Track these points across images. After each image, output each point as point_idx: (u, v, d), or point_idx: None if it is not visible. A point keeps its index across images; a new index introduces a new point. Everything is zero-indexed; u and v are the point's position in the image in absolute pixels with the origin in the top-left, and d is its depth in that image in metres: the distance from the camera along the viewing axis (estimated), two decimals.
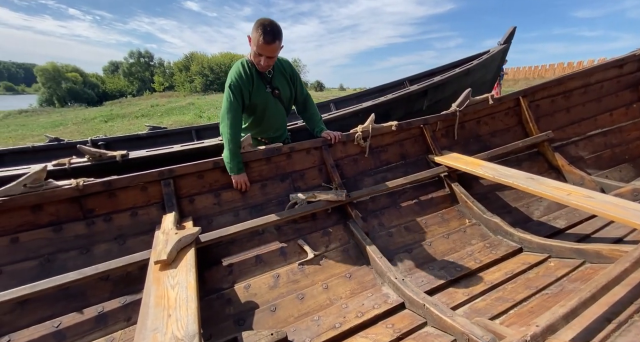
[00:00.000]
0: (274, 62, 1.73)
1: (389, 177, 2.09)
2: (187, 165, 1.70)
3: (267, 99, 1.85)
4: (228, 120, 1.73)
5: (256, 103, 1.83)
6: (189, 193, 1.73)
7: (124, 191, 1.57)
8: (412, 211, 1.92)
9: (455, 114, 2.23)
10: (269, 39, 1.54)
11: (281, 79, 1.88)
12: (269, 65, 1.70)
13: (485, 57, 3.52)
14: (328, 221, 1.83)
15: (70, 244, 1.42)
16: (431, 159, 2.16)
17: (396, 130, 2.13)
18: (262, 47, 1.57)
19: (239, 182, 1.77)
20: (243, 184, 1.78)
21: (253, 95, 1.80)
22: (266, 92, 1.84)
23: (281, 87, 1.88)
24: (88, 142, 3.21)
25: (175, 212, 1.57)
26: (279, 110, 1.96)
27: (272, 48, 1.59)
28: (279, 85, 1.87)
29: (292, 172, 1.97)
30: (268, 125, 1.99)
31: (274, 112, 1.93)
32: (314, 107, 2.09)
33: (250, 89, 1.77)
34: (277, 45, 1.60)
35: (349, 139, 2.07)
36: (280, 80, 1.88)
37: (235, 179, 1.77)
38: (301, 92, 2.02)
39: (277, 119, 1.99)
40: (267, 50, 1.59)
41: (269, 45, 1.56)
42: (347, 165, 2.07)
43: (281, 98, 1.91)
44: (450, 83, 3.25)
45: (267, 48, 1.58)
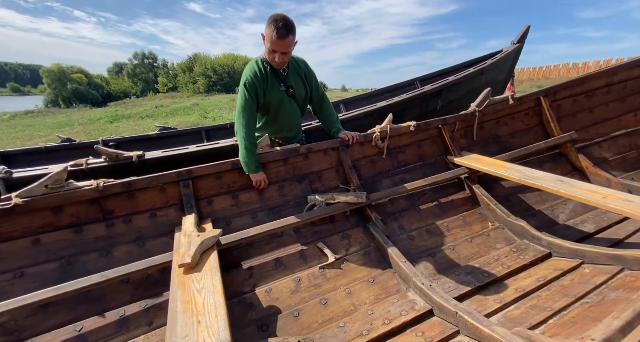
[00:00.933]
0: (288, 59, 1.70)
1: (407, 178, 2.05)
2: (206, 166, 1.67)
3: (282, 98, 1.82)
4: (243, 119, 1.71)
5: (270, 102, 1.80)
6: (208, 194, 1.70)
7: (143, 192, 1.55)
8: (432, 213, 1.88)
9: (474, 114, 2.18)
10: (282, 34, 1.52)
11: (296, 78, 1.85)
12: (283, 62, 1.67)
13: (499, 57, 3.47)
14: (347, 223, 1.79)
15: (90, 246, 1.39)
16: (450, 161, 2.11)
17: (414, 130, 2.09)
18: (276, 42, 1.55)
19: (259, 180, 1.74)
20: (262, 182, 1.76)
21: (267, 94, 1.77)
22: (281, 90, 1.80)
23: (296, 85, 1.85)
24: (99, 142, 3.20)
25: (195, 214, 1.55)
26: (294, 109, 1.92)
27: (286, 43, 1.56)
28: (294, 84, 1.84)
29: (309, 173, 1.93)
30: (282, 124, 1.95)
31: (289, 112, 1.90)
32: (331, 107, 2.06)
33: (265, 88, 1.75)
34: (291, 40, 1.58)
35: (367, 140, 2.03)
36: (295, 78, 1.85)
37: (255, 178, 1.74)
38: (317, 91, 1.98)
39: (291, 118, 1.95)
40: (281, 46, 1.57)
41: (282, 40, 1.54)
42: (365, 166, 2.04)
43: (296, 97, 1.88)
44: (465, 83, 3.21)
45: (281, 43, 1.56)
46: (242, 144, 1.70)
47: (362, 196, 1.74)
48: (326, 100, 2.04)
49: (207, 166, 1.68)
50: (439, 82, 3.00)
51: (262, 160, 1.80)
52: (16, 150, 2.97)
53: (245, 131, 1.70)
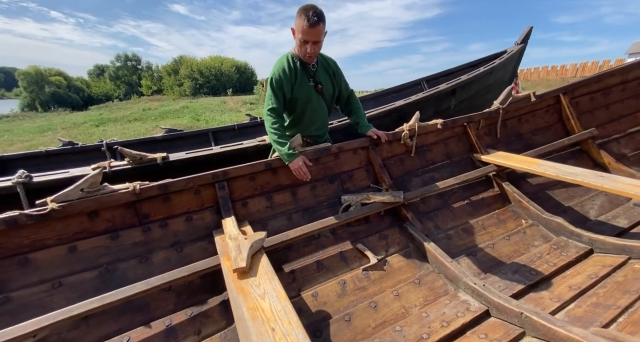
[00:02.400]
0: (319, 50, 1.69)
1: (436, 177, 2.05)
2: (240, 167, 1.61)
3: (310, 94, 1.79)
4: (271, 116, 1.69)
5: (298, 97, 1.77)
6: (242, 196, 1.63)
7: (178, 194, 1.47)
8: (465, 212, 1.87)
9: (498, 111, 2.20)
10: (313, 21, 1.51)
11: (324, 74, 1.83)
12: (315, 53, 1.65)
13: (505, 56, 3.55)
14: (382, 223, 1.76)
15: (128, 252, 1.31)
16: (477, 158, 2.12)
17: (441, 128, 2.09)
18: (307, 31, 1.54)
19: (298, 167, 1.65)
20: (303, 168, 1.65)
21: (296, 89, 1.74)
22: (309, 85, 1.77)
23: (324, 82, 1.82)
24: (103, 145, 3.06)
25: (233, 216, 1.48)
26: (322, 106, 1.88)
27: (317, 31, 1.55)
28: (322, 79, 1.81)
29: (340, 173, 1.90)
30: (310, 121, 1.89)
31: (316, 108, 1.85)
32: (358, 102, 2.01)
33: (293, 83, 1.72)
34: (322, 28, 1.57)
35: (395, 138, 2.02)
36: (323, 75, 1.82)
37: (293, 166, 1.65)
38: (345, 88, 1.95)
39: (318, 115, 1.90)
40: (312, 35, 1.56)
41: (313, 28, 1.53)
42: (394, 165, 2.02)
43: (324, 94, 1.84)
44: (475, 82, 3.25)
45: (313, 32, 1.54)
46: (272, 138, 1.67)
47: (399, 195, 1.71)
48: (354, 96, 2.00)
49: (241, 167, 1.61)
50: (453, 80, 3.03)
51: None
52: (15, 154, 2.79)
53: (274, 126, 1.67)
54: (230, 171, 1.58)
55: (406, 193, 1.78)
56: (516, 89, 4.12)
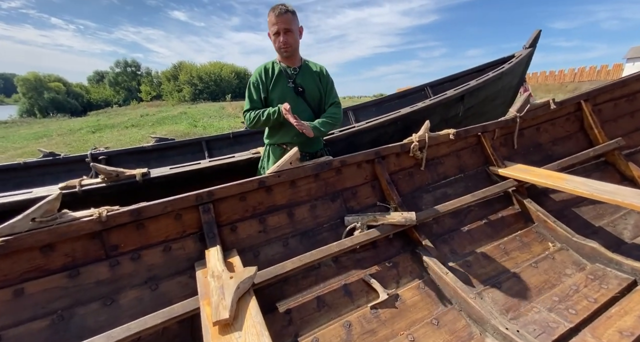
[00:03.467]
0: (294, 42, 1.65)
1: (449, 193, 1.84)
2: (229, 186, 1.40)
3: (286, 94, 1.71)
4: (250, 113, 1.71)
5: (273, 98, 1.71)
6: (230, 219, 1.42)
7: (154, 220, 1.26)
8: (483, 233, 1.66)
9: (515, 120, 2.01)
10: (280, 10, 1.55)
11: (308, 78, 1.75)
12: (289, 43, 1.62)
13: (514, 61, 3.37)
14: (391, 248, 1.55)
15: (90, 293, 1.09)
16: (493, 172, 1.92)
17: (454, 139, 1.89)
18: (276, 20, 1.57)
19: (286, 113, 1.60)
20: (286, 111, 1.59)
21: (272, 89, 1.71)
22: (287, 86, 1.71)
23: (307, 86, 1.75)
24: (87, 156, 2.85)
25: (219, 245, 1.27)
26: (302, 109, 1.75)
27: (285, 19, 1.57)
28: (305, 84, 1.74)
29: (343, 190, 1.69)
30: (289, 126, 1.69)
31: (295, 111, 1.66)
32: (333, 112, 1.81)
33: (269, 83, 1.71)
34: (290, 17, 1.59)
35: (403, 150, 1.82)
36: (307, 79, 1.75)
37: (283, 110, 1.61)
38: (329, 96, 1.83)
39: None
40: (281, 22, 1.57)
41: (281, 16, 1.56)
42: (402, 180, 1.81)
43: (306, 97, 1.75)
44: (484, 88, 3.07)
45: (281, 19, 1.56)
46: (259, 119, 1.68)
47: (412, 216, 1.50)
48: (335, 108, 1.83)
49: (230, 186, 1.40)
50: (461, 86, 2.85)
51: (292, 177, 1.54)
52: None
53: (254, 113, 1.69)
54: (216, 192, 1.37)
55: (418, 213, 1.57)
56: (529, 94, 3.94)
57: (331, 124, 1.78)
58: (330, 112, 1.81)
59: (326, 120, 1.76)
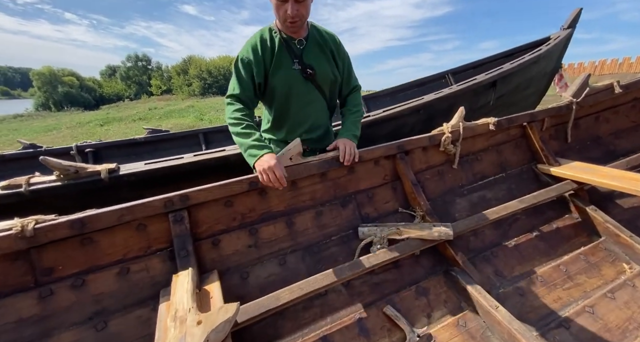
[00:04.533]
0: (306, 14, 1.16)
1: (488, 197, 1.48)
2: (210, 188, 1.08)
3: (292, 80, 1.24)
4: (231, 103, 1.22)
5: (275, 85, 1.24)
6: (212, 231, 1.11)
7: (107, 233, 0.95)
8: (536, 250, 1.31)
9: (570, 107, 1.62)
10: None
11: (318, 55, 1.27)
12: (300, 16, 1.13)
13: (552, 43, 2.92)
14: (418, 269, 1.22)
15: (8, 337, 0.79)
16: (543, 171, 1.55)
17: (494, 130, 1.52)
18: None
19: (262, 169, 1.05)
20: (270, 172, 1.04)
21: (272, 74, 1.22)
22: (292, 69, 1.23)
23: (317, 65, 1.26)
24: (72, 148, 2.58)
25: (192, 268, 0.95)
26: (314, 98, 1.31)
27: None
28: (314, 62, 1.25)
29: (356, 192, 1.35)
30: (297, 121, 1.32)
31: (305, 101, 1.29)
32: (357, 104, 1.41)
33: (268, 64, 1.21)
34: None
35: (432, 143, 1.46)
36: (315, 55, 1.26)
37: (258, 167, 1.07)
38: (348, 79, 1.38)
39: (309, 112, 1.32)
40: None
41: None
42: (430, 180, 1.46)
43: (316, 81, 1.28)
44: (517, 73, 2.66)
45: None
46: (233, 131, 1.17)
47: (447, 230, 1.15)
48: (356, 95, 1.42)
49: (211, 188, 1.08)
50: (493, 70, 2.44)
51: (291, 176, 1.21)
52: None
53: (234, 115, 1.18)
54: (192, 195, 1.05)
55: (453, 224, 1.22)
56: (559, 84, 3.48)
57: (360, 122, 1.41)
58: (353, 102, 1.39)
59: (358, 119, 1.37)
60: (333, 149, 1.30)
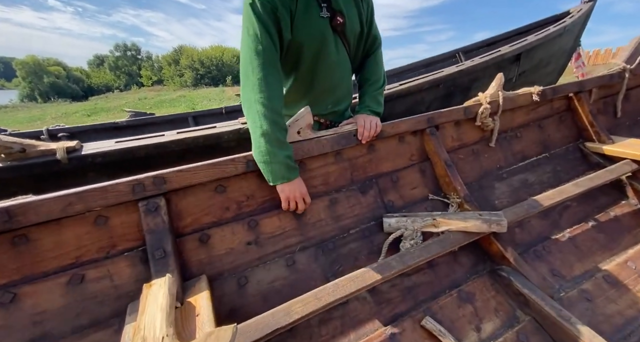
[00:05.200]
0: None
1: (530, 181, 1.25)
2: (194, 168, 0.82)
3: (324, 34, 0.94)
4: (255, 75, 0.84)
5: (303, 41, 0.93)
6: (199, 224, 0.85)
7: (51, 229, 0.69)
8: (595, 243, 1.08)
9: (622, 75, 1.38)
10: None
11: (347, 1, 0.97)
12: None
13: (576, 16, 2.67)
14: (456, 268, 0.98)
15: None
16: (592, 150, 1.32)
17: (538, 101, 1.28)
18: None
19: (293, 196, 0.90)
20: (300, 200, 0.91)
21: (298, 25, 0.90)
22: (320, 18, 0.93)
23: (347, 11, 0.96)
24: (43, 132, 2.28)
25: (171, 273, 0.70)
26: (342, 58, 1.03)
27: None
28: (344, 7, 0.96)
29: (377, 175, 1.11)
30: (323, 89, 1.05)
31: (335, 63, 1.00)
32: (374, 67, 1.12)
33: (293, 12, 0.88)
34: None
35: (467, 116, 1.21)
36: (345, 1, 0.96)
37: (286, 192, 0.89)
38: (370, 27, 1.08)
39: (338, 74, 1.05)
40: None
41: None
42: (463, 161, 1.22)
43: (345, 34, 0.99)
44: (541, 48, 2.40)
45: None
46: (257, 126, 0.84)
47: (499, 218, 0.92)
48: (377, 55, 1.13)
49: (196, 168, 0.82)
50: (517, 42, 2.19)
51: (299, 155, 0.96)
52: None
53: (263, 98, 0.83)
54: (172, 177, 0.79)
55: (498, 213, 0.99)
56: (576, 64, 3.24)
57: None
58: (373, 68, 1.10)
59: (379, 92, 1.10)
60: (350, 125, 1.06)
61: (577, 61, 3.20)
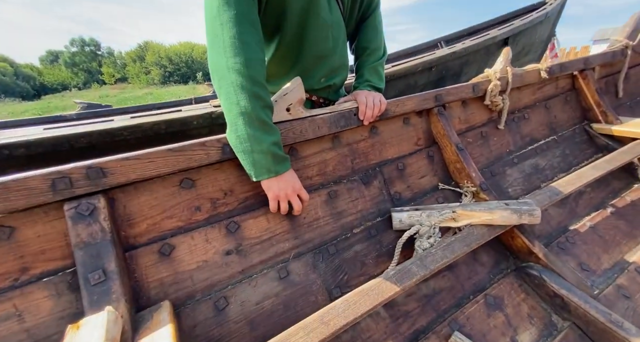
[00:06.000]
0: None
1: (542, 166, 1.14)
2: (148, 155, 0.60)
3: None
4: (227, 32, 0.63)
5: (287, 4, 0.73)
6: (159, 231, 0.63)
7: None
8: (618, 231, 0.99)
9: (624, 52, 1.32)
10: None
11: None
12: None
13: (555, 3, 2.68)
14: (478, 269, 0.84)
15: None
16: (600, 131, 1.24)
17: (544, 80, 1.17)
18: None
19: (284, 194, 0.70)
20: (294, 198, 0.71)
21: None
22: None
23: None
24: None
25: (114, 305, 0.48)
26: (336, 20, 0.83)
27: None
28: None
29: (381, 163, 0.93)
30: (315, 55, 0.84)
31: (329, 22, 0.81)
32: (372, 34, 0.94)
33: None
34: None
35: (475, 95, 1.07)
36: None
37: (274, 190, 0.69)
38: None
39: (331, 39, 0.84)
40: None
41: None
42: (472, 145, 1.08)
43: None
44: (524, 34, 2.37)
45: None
46: (232, 103, 0.63)
47: (530, 206, 0.78)
48: (373, 17, 0.94)
49: (151, 154, 0.60)
50: (505, 26, 2.12)
51: (290, 139, 0.76)
52: None
53: (240, 68, 0.62)
54: (115, 167, 0.56)
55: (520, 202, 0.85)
56: (551, 54, 3.30)
57: None
58: (370, 36, 0.93)
59: (379, 63, 0.93)
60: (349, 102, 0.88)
61: (552, 52, 3.25)
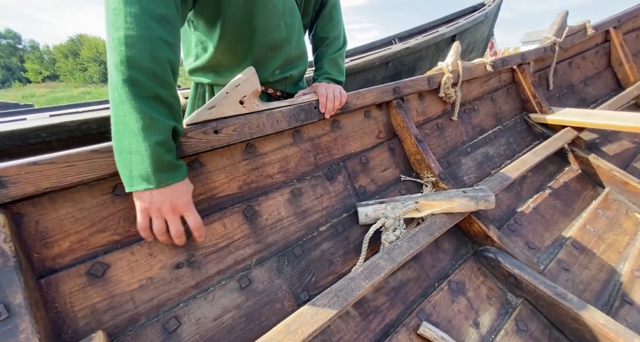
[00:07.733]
0: None
1: (491, 154, 1.22)
2: (66, 157, 0.49)
3: None
4: (124, 13, 0.49)
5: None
6: (88, 249, 0.53)
7: None
8: (556, 210, 1.09)
9: (553, 48, 1.45)
10: None
11: None
12: None
13: (494, 4, 2.90)
14: (440, 256, 0.86)
15: None
16: (537, 121, 1.35)
17: (491, 71, 1.25)
18: None
19: (155, 209, 0.52)
20: (171, 218, 0.53)
21: None
22: None
23: None
24: None
25: None
26: (289, 5, 0.77)
27: None
28: None
29: (344, 157, 0.91)
30: (267, 43, 0.76)
31: (281, 8, 0.74)
32: (331, 24, 0.90)
33: None
34: None
35: (430, 87, 1.10)
36: None
37: (145, 202, 0.51)
38: None
39: (284, 26, 0.77)
40: None
41: None
42: (429, 137, 1.11)
43: None
44: (468, 33, 2.53)
45: None
46: (113, 90, 0.50)
47: (485, 193, 0.81)
48: (333, 3, 0.90)
49: (69, 157, 0.50)
50: (452, 24, 2.24)
51: (246, 134, 0.69)
52: None
53: (120, 50, 0.48)
54: (19, 175, 0.45)
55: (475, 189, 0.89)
56: (491, 52, 3.60)
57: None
58: (328, 26, 0.89)
59: (339, 54, 0.89)
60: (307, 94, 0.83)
61: (491, 50, 3.55)
